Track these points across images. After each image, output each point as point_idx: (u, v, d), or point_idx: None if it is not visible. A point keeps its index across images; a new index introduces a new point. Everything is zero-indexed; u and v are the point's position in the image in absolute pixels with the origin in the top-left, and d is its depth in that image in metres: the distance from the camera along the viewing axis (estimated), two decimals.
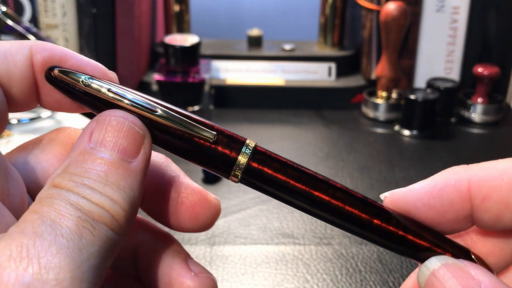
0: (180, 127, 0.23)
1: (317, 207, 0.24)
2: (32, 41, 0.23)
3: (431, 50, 0.84)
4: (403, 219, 0.24)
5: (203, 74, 0.78)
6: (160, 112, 0.23)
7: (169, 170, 0.26)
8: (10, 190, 0.22)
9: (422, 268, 0.23)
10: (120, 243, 0.21)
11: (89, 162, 0.21)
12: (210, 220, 0.26)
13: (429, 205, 0.24)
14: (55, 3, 0.79)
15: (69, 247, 0.18)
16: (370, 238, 0.24)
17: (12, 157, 0.25)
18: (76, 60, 0.24)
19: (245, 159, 0.23)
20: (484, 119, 0.81)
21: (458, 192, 0.23)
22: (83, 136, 0.22)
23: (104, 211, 0.20)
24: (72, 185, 0.20)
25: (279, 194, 0.24)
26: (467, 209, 0.23)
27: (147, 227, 0.27)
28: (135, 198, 0.21)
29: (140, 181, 0.22)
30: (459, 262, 0.23)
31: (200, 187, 0.26)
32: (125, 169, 0.21)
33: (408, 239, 0.24)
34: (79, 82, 0.23)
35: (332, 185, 0.24)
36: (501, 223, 0.23)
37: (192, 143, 0.23)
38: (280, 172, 0.24)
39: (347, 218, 0.24)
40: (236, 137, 0.24)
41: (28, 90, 0.23)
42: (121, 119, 0.22)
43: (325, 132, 0.78)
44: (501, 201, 0.23)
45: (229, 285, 0.49)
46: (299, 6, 1.03)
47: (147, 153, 0.22)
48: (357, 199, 0.24)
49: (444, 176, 0.24)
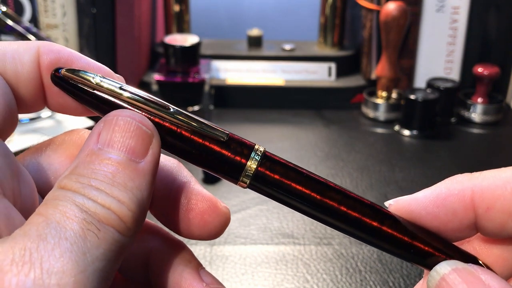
0: (192, 125, 0.23)
1: (326, 214, 0.24)
2: (39, 42, 0.23)
3: (431, 50, 0.84)
4: (411, 226, 0.24)
5: (203, 74, 0.78)
6: (172, 109, 0.23)
7: (181, 175, 0.26)
8: (21, 192, 0.22)
9: (432, 273, 0.23)
10: (129, 245, 0.20)
11: (96, 163, 0.21)
12: (218, 229, 0.26)
13: (433, 214, 0.24)
14: (55, 3, 0.79)
15: (72, 250, 0.18)
16: (379, 245, 0.24)
17: (26, 158, 0.25)
18: (83, 62, 0.24)
19: (254, 164, 0.23)
20: (484, 119, 0.81)
21: (462, 201, 0.23)
22: (91, 137, 0.22)
23: (111, 213, 0.20)
24: (78, 186, 0.20)
25: (288, 200, 0.24)
26: (471, 218, 0.23)
27: (159, 233, 0.27)
28: (144, 199, 0.21)
29: (148, 181, 0.21)
30: (469, 266, 0.22)
31: (210, 195, 0.26)
32: (133, 169, 0.21)
33: (416, 246, 0.24)
34: (91, 81, 0.23)
35: (341, 191, 0.24)
36: (505, 232, 0.23)
37: (201, 146, 0.23)
38: (289, 178, 0.23)
39: (356, 225, 0.24)
40: (245, 142, 0.24)
41: (35, 91, 0.23)
42: (128, 119, 0.22)
43: (325, 132, 0.78)
44: (505, 210, 0.23)
45: (229, 285, 0.49)
46: (299, 6, 1.03)
47: (155, 153, 0.22)
48: (367, 206, 0.24)
49: (447, 185, 0.24)
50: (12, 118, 0.22)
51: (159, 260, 0.26)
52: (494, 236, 0.24)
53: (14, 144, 0.66)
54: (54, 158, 0.25)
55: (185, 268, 0.25)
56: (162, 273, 0.26)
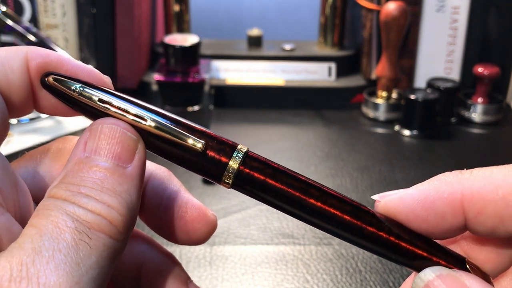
0: (169, 135, 0.23)
1: (309, 213, 0.23)
2: (27, 47, 0.23)
3: (431, 50, 0.84)
4: (396, 226, 0.24)
5: (203, 74, 0.78)
6: (149, 121, 0.23)
7: (171, 184, 0.27)
8: (20, 202, 0.22)
9: (416, 280, 0.23)
10: (121, 250, 0.21)
11: (84, 171, 0.21)
12: (205, 235, 0.27)
13: (421, 217, 0.23)
14: (55, 3, 0.79)
15: (66, 262, 0.19)
16: (363, 246, 0.24)
17: (21, 166, 0.25)
18: (72, 65, 0.24)
19: (236, 164, 0.23)
20: (484, 119, 0.81)
21: (451, 205, 0.23)
22: (77, 146, 0.22)
23: (101, 218, 0.20)
24: (68, 195, 0.20)
25: (270, 199, 0.24)
26: (461, 221, 0.23)
27: (152, 245, 0.28)
28: (133, 202, 0.21)
29: (136, 185, 0.22)
30: (453, 272, 0.22)
31: (200, 203, 0.27)
32: (121, 174, 0.21)
33: (401, 247, 0.23)
34: (72, 90, 0.23)
35: (324, 191, 0.24)
36: (496, 234, 0.23)
37: (182, 150, 0.23)
38: (271, 177, 0.23)
39: (339, 224, 0.23)
40: (227, 142, 0.24)
41: (25, 96, 0.23)
42: (113, 126, 0.22)
43: (325, 132, 0.78)
44: (496, 215, 0.22)
45: (229, 285, 0.49)
46: (299, 6, 1.03)
47: (141, 158, 0.23)
48: (350, 205, 0.24)
49: (436, 186, 0.23)
50: (4, 124, 0.23)
51: (150, 271, 0.27)
52: (485, 236, 0.24)
53: (14, 144, 0.66)
54: (50, 166, 0.25)
55: (174, 281, 0.27)
56: (153, 284, 0.27)
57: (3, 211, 0.20)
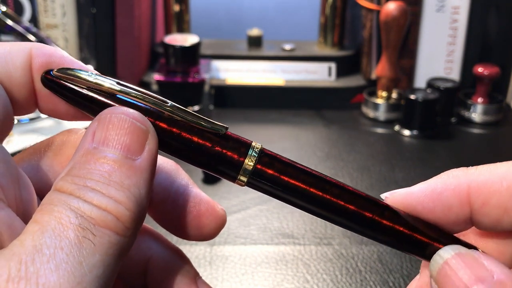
0: (190, 117, 0.22)
1: (325, 209, 0.24)
2: (31, 44, 0.23)
3: (431, 50, 0.84)
4: (409, 217, 0.24)
5: (203, 74, 0.78)
6: (170, 103, 0.22)
7: (179, 178, 0.26)
8: (22, 197, 0.21)
9: (435, 257, 0.23)
10: (128, 246, 0.20)
11: (92, 163, 0.20)
12: (214, 231, 0.26)
13: (428, 209, 0.24)
14: (55, 3, 0.79)
15: (68, 261, 0.18)
16: (379, 238, 0.24)
17: (24, 160, 0.25)
18: (74, 66, 0.23)
19: (251, 162, 0.23)
20: (484, 119, 0.81)
21: (458, 196, 0.23)
22: (86, 137, 0.21)
23: (107, 214, 0.19)
24: (74, 188, 0.19)
25: (287, 196, 0.23)
26: (467, 213, 0.23)
27: (159, 240, 0.27)
28: (142, 197, 0.20)
29: (146, 179, 0.21)
30: (472, 252, 0.23)
31: (208, 197, 0.26)
32: (130, 167, 0.20)
33: (415, 237, 0.24)
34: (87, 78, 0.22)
35: (339, 185, 0.24)
36: (500, 226, 0.23)
37: (197, 144, 0.23)
38: (287, 174, 0.23)
39: (356, 219, 0.24)
40: (242, 140, 0.23)
41: (27, 94, 0.23)
42: (122, 116, 0.21)
43: (325, 132, 0.78)
44: (500, 206, 0.23)
45: (229, 285, 0.49)
46: (299, 6, 1.03)
47: (152, 149, 0.21)
48: (365, 199, 0.24)
49: (443, 180, 0.24)
50: (8, 120, 0.22)
51: (158, 267, 0.26)
52: (489, 230, 0.24)
53: (14, 144, 0.66)
54: (54, 159, 0.25)
55: (182, 278, 0.26)
56: (160, 281, 0.26)
57: (3, 206, 0.19)
